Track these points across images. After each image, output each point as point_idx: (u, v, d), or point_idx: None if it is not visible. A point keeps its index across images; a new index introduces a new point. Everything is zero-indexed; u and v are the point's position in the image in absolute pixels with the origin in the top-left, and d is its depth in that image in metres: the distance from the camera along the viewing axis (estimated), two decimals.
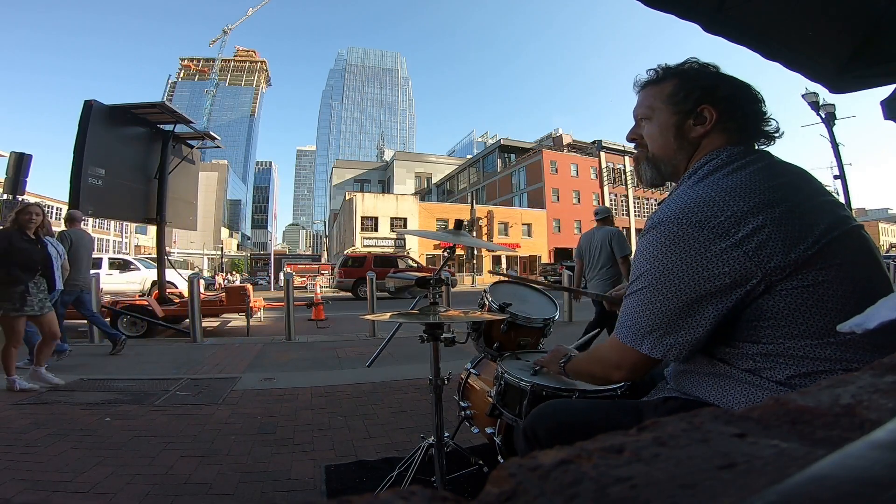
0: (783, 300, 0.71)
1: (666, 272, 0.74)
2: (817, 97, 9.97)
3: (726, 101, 0.84)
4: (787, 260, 0.69)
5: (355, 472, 1.84)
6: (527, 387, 1.22)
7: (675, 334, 0.76)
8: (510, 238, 31.57)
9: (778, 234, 0.69)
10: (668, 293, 0.75)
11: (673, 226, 0.74)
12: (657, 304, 0.76)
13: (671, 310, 0.75)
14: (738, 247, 0.70)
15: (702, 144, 0.85)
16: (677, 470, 0.20)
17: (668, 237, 0.74)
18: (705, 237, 0.71)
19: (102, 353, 4.43)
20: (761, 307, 0.72)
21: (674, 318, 0.75)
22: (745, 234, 0.70)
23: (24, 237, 3.12)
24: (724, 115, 0.83)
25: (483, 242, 1.91)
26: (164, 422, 2.45)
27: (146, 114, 6.46)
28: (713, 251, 0.71)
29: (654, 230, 0.78)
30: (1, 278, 2.96)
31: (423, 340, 1.42)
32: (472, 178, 44.72)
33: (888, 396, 0.27)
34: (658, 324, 0.76)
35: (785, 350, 0.72)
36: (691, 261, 0.72)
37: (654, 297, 0.76)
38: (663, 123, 0.87)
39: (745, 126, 0.85)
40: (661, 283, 0.75)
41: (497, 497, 0.20)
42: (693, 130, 0.85)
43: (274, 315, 8.22)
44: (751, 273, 0.70)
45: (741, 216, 0.71)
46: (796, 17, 1.63)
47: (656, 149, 0.90)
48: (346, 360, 4.03)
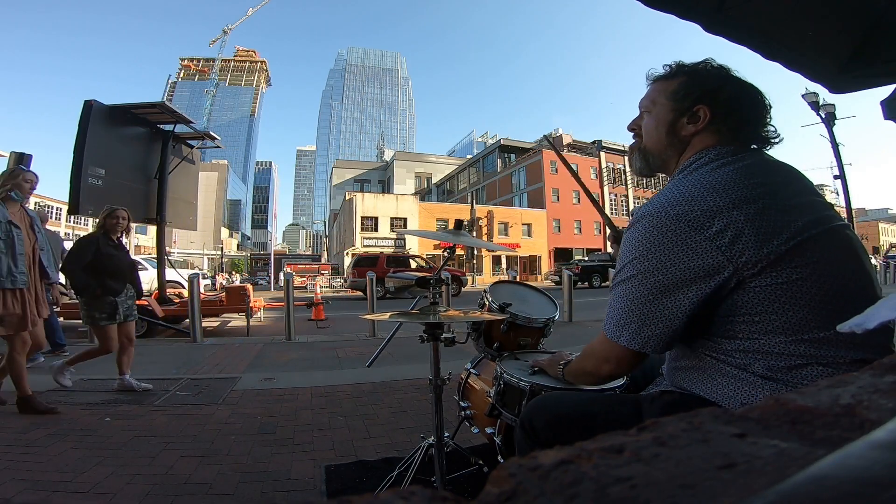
0: (756, 296, 0.72)
1: (644, 264, 0.76)
2: (817, 97, 9.97)
3: (725, 103, 0.84)
4: (759, 255, 0.70)
5: (355, 472, 1.84)
6: (526, 387, 1.22)
7: (651, 326, 0.77)
8: (510, 238, 31.56)
9: (751, 229, 0.70)
10: (645, 285, 0.76)
11: (653, 219, 0.76)
12: (635, 297, 0.78)
13: (647, 301, 0.76)
14: (711, 240, 0.71)
15: (692, 143, 0.87)
16: (677, 470, 0.20)
17: (649, 230, 0.76)
18: (681, 230, 0.73)
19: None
20: (735, 302, 0.74)
21: (650, 310, 0.76)
22: (718, 229, 0.71)
23: (109, 242, 3.04)
24: (719, 116, 0.84)
25: (483, 242, 1.91)
26: (164, 422, 2.45)
27: (146, 114, 6.46)
28: (688, 243, 0.72)
29: (637, 224, 0.79)
30: (93, 291, 2.88)
31: (423, 340, 1.42)
32: (472, 178, 44.71)
33: (888, 396, 0.27)
34: (635, 316, 0.78)
35: (760, 346, 0.73)
36: (668, 252, 0.74)
37: (632, 290, 0.78)
38: (660, 118, 0.89)
39: (739, 130, 0.85)
40: (640, 275, 0.77)
41: (497, 497, 0.20)
42: (685, 128, 0.87)
43: (274, 315, 8.22)
44: (722, 266, 0.71)
45: (716, 211, 0.72)
46: (796, 17, 1.63)
47: (649, 141, 0.92)
48: (346, 360, 4.03)
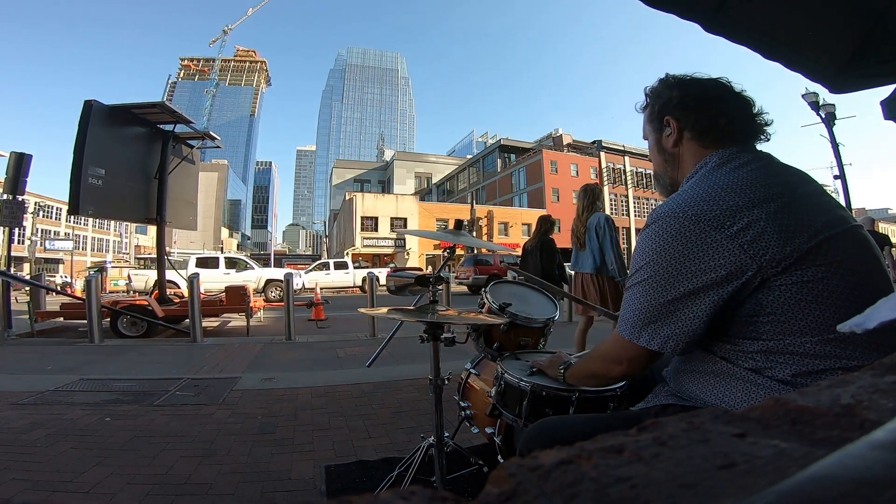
0: (781, 295, 0.72)
1: (663, 264, 0.76)
2: (817, 97, 9.96)
3: (679, 106, 0.88)
4: (783, 253, 0.70)
5: (355, 472, 1.84)
6: (527, 387, 1.21)
7: (671, 326, 0.77)
8: (510, 238, 31.55)
9: (773, 227, 0.70)
10: (665, 285, 0.76)
11: (671, 220, 0.76)
12: (654, 296, 0.77)
13: (668, 301, 0.76)
14: (733, 239, 0.71)
15: (682, 155, 0.89)
16: (677, 470, 0.20)
17: (667, 231, 0.77)
18: (701, 230, 0.73)
19: (103, 353, 4.43)
20: (760, 302, 0.73)
21: (670, 310, 0.76)
22: (740, 227, 0.71)
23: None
24: (684, 120, 0.87)
25: (483, 242, 1.91)
26: (164, 422, 2.45)
27: (146, 114, 6.45)
28: (708, 243, 0.72)
29: (653, 225, 0.80)
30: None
31: (423, 340, 1.42)
32: (472, 178, 44.71)
33: (888, 396, 0.27)
34: (655, 316, 0.78)
35: (786, 347, 0.72)
36: (688, 253, 0.74)
37: (651, 290, 0.78)
38: (651, 143, 0.96)
39: (717, 127, 0.85)
40: (659, 276, 0.77)
41: (497, 497, 0.20)
42: (666, 142, 0.90)
43: (274, 315, 8.21)
44: (745, 265, 0.71)
45: (737, 210, 0.72)
46: (796, 17, 1.63)
47: (654, 165, 0.98)
48: (346, 360, 4.03)
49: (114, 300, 6.19)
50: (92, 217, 5.90)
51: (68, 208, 5.52)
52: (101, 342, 4.93)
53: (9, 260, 7.67)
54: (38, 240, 29.36)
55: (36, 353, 4.52)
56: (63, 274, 32.54)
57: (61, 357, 4.20)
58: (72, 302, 6.45)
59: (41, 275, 10.83)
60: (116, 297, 10.23)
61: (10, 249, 8.29)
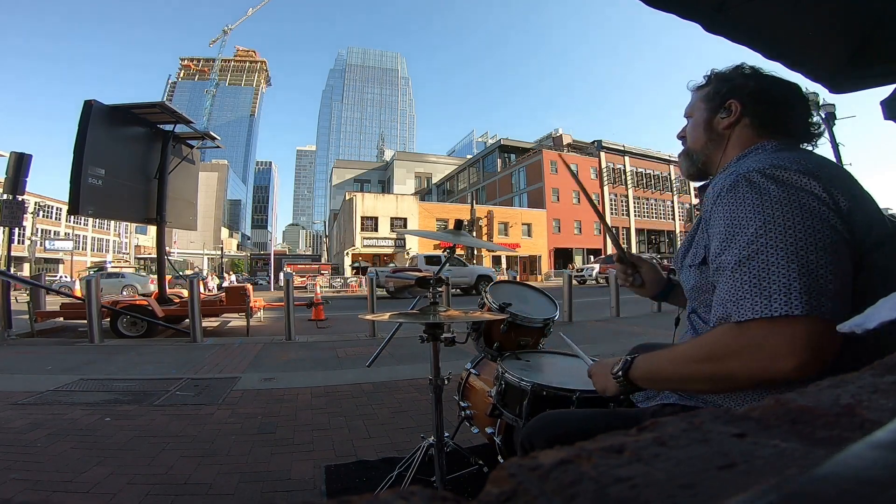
0: (863, 278, 0.67)
1: (778, 229, 0.65)
2: (817, 97, 9.94)
3: (753, 95, 0.87)
4: (868, 235, 0.68)
5: (355, 472, 1.84)
6: (527, 387, 1.22)
7: (820, 279, 0.62)
8: (510, 238, 31.56)
9: (857, 207, 0.68)
10: (790, 248, 0.64)
11: (766, 181, 0.69)
12: (785, 258, 0.64)
13: (804, 257, 0.64)
14: (832, 210, 0.66)
15: (731, 137, 0.89)
16: (677, 470, 0.20)
17: (763, 194, 0.68)
18: (800, 196, 0.67)
19: (103, 353, 4.43)
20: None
21: (810, 260, 0.63)
22: (835, 199, 0.67)
23: None
24: (750, 107, 0.87)
25: (483, 242, 1.91)
26: (164, 422, 2.45)
27: (146, 114, 6.46)
28: (813, 210, 0.66)
29: (737, 188, 0.71)
30: None
31: (423, 340, 1.42)
32: (472, 178, 44.71)
33: (888, 396, 0.27)
34: (795, 272, 0.63)
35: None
36: (797, 216, 0.65)
37: (776, 256, 0.64)
38: (698, 119, 0.95)
39: (777, 121, 0.86)
40: (776, 241, 0.65)
41: (497, 497, 0.20)
42: (720, 122, 0.90)
43: (274, 315, 8.22)
44: (847, 241, 0.66)
45: (825, 181, 0.68)
46: (796, 17, 1.63)
47: (692, 142, 0.97)
48: (346, 360, 4.03)
49: (114, 300, 6.20)
50: (92, 217, 5.90)
51: (68, 208, 5.53)
52: (101, 342, 4.93)
53: (9, 260, 7.67)
54: (38, 240, 29.37)
55: (36, 353, 4.52)
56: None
57: (61, 357, 4.20)
58: (72, 302, 6.45)
59: (41, 275, 10.84)
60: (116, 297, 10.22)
61: (10, 249, 8.29)
